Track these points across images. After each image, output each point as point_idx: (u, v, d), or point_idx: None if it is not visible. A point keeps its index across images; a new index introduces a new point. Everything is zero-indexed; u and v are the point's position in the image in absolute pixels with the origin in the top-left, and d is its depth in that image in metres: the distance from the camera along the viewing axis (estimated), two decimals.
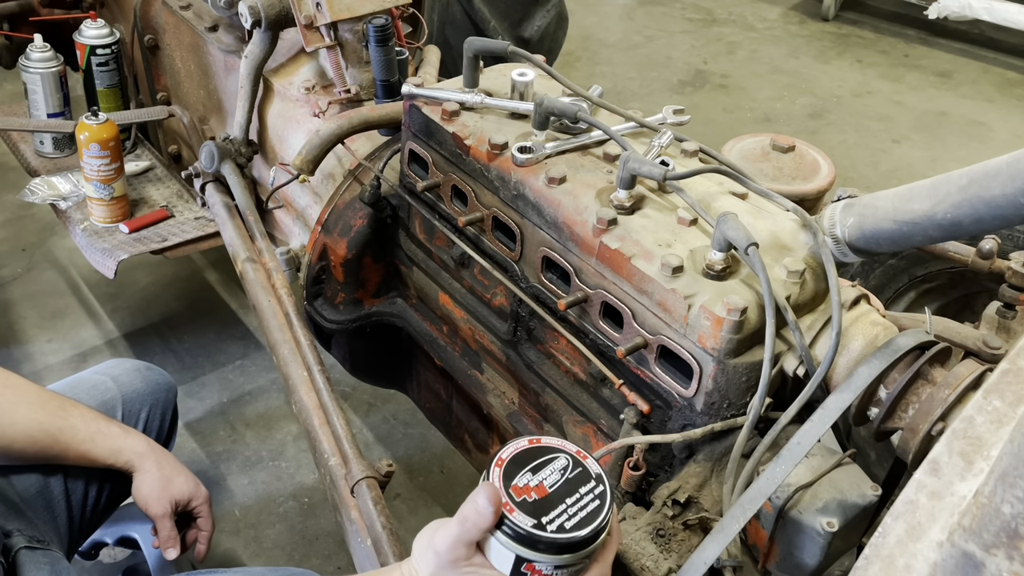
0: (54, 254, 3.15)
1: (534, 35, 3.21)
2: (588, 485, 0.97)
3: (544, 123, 1.47)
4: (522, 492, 0.95)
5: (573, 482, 0.97)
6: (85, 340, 2.83)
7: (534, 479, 0.96)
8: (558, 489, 0.96)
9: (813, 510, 1.12)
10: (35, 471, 1.51)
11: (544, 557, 0.94)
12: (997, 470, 0.71)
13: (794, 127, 4.26)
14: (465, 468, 2.39)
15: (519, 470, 0.97)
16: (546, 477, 0.97)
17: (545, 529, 0.92)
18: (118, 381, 1.69)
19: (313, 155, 1.84)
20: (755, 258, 1.17)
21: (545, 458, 0.98)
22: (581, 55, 4.80)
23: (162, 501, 1.54)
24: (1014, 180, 1.02)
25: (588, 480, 0.97)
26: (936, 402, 1.13)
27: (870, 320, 1.25)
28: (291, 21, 1.97)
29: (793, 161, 1.69)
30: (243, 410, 2.65)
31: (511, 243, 1.51)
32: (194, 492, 1.59)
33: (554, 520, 0.93)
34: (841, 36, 5.21)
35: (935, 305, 2.02)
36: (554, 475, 0.97)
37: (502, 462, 0.97)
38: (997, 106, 4.56)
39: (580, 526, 0.94)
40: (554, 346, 1.50)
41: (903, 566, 0.75)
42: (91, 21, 2.48)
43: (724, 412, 1.25)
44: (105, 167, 2.22)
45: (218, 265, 3.12)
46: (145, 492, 1.54)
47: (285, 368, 1.74)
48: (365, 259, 1.85)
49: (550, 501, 0.95)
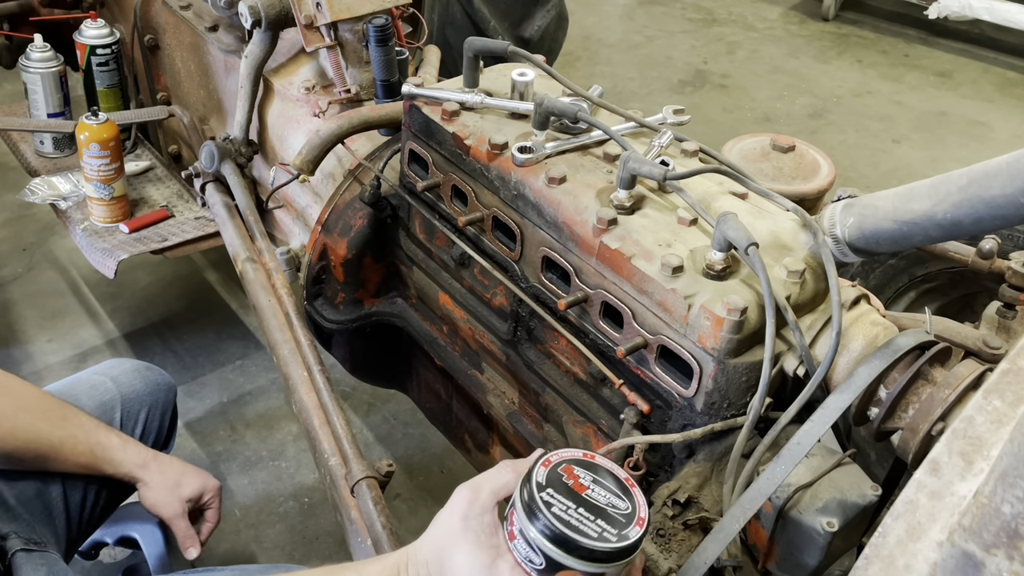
0: (54, 254, 3.15)
1: (534, 35, 3.21)
2: (624, 501, 0.94)
3: (544, 123, 1.47)
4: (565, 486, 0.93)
5: (611, 492, 0.94)
6: (85, 340, 2.83)
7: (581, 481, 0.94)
8: (597, 497, 0.93)
9: (813, 510, 1.12)
10: (33, 474, 1.51)
11: (576, 563, 0.90)
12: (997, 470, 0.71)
13: (794, 127, 4.26)
14: (465, 468, 2.39)
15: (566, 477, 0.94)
16: (590, 486, 0.94)
17: (580, 532, 0.89)
18: (117, 381, 1.68)
19: (313, 155, 1.84)
20: (755, 258, 1.17)
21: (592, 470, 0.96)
22: (581, 55, 4.80)
23: (172, 504, 1.54)
24: (1014, 180, 1.02)
25: (625, 495, 0.94)
26: (936, 402, 1.13)
27: (870, 320, 1.25)
28: (291, 21, 1.97)
29: (793, 161, 1.69)
30: (243, 410, 2.65)
31: (511, 243, 1.51)
32: (204, 485, 1.59)
33: (589, 523, 0.90)
34: (841, 36, 5.21)
35: (935, 305, 2.02)
36: (597, 487, 0.94)
37: (549, 463, 0.94)
38: (997, 106, 4.56)
39: (616, 537, 0.90)
40: (554, 346, 1.50)
41: (903, 566, 0.75)
42: (91, 21, 2.48)
43: (724, 412, 1.25)
44: (105, 167, 2.22)
45: (218, 265, 3.12)
46: (152, 499, 1.55)
47: (285, 368, 1.74)
48: (365, 259, 1.85)
49: (590, 506, 0.92)
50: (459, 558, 0.94)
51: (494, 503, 0.96)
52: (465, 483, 0.98)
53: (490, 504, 0.95)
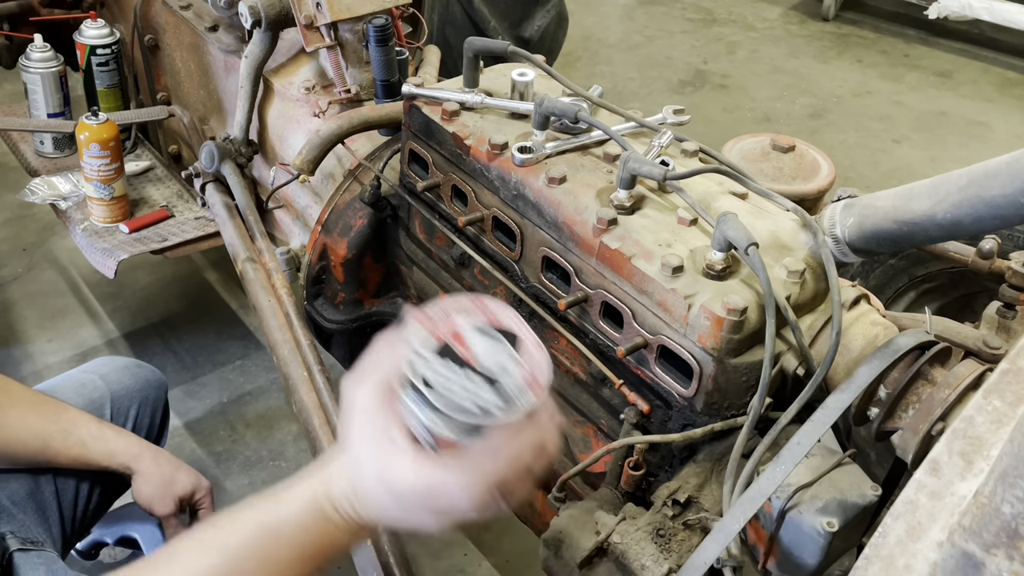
0: (54, 254, 3.15)
1: (534, 35, 3.21)
2: (518, 366, 0.86)
3: (544, 123, 1.47)
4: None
5: (505, 356, 0.86)
6: (85, 340, 2.83)
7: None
8: (488, 363, 0.85)
9: (813, 510, 1.12)
10: (24, 472, 1.50)
11: (465, 438, 0.83)
12: (997, 470, 0.71)
13: (794, 127, 4.26)
14: None
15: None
16: (480, 352, 0.85)
17: (461, 408, 0.82)
18: (107, 379, 1.67)
19: (313, 155, 1.84)
20: (755, 258, 1.17)
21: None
22: (581, 55, 4.80)
23: (166, 500, 1.53)
24: (1014, 180, 1.02)
25: (521, 358, 0.86)
26: (936, 402, 1.13)
27: (870, 320, 1.25)
28: (291, 21, 1.97)
29: (793, 161, 1.69)
30: (243, 410, 2.65)
31: (511, 243, 1.51)
32: (196, 484, 1.58)
33: (471, 394, 0.83)
34: (841, 36, 5.21)
35: (935, 305, 2.01)
36: (487, 351, 0.86)
37: (435, 330, 0.86)
38: (997, 106, 4.56)
39: (504, 408, 0.83)
40: (554, 346, 1.51)
41: (903, 566, 0.75)
42: (91, 21, 2.48)
43: (724, 412, 1.25)
44: (105, 167, 2.22)
45: (218, 265, 3.12)
46: (147, 493, 1.53)
47: (285, 368, 1.74)
48: (365, 259, 1.85)
49: (473, 375, 0.84)
50: (367, 471, 0.89)
51: (384, 396, 0.88)
52: (351, 381, 0.91)
53: (379, 402, 0.88)
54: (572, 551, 1.24)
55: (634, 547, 1.19)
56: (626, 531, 1.21)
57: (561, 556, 1.25)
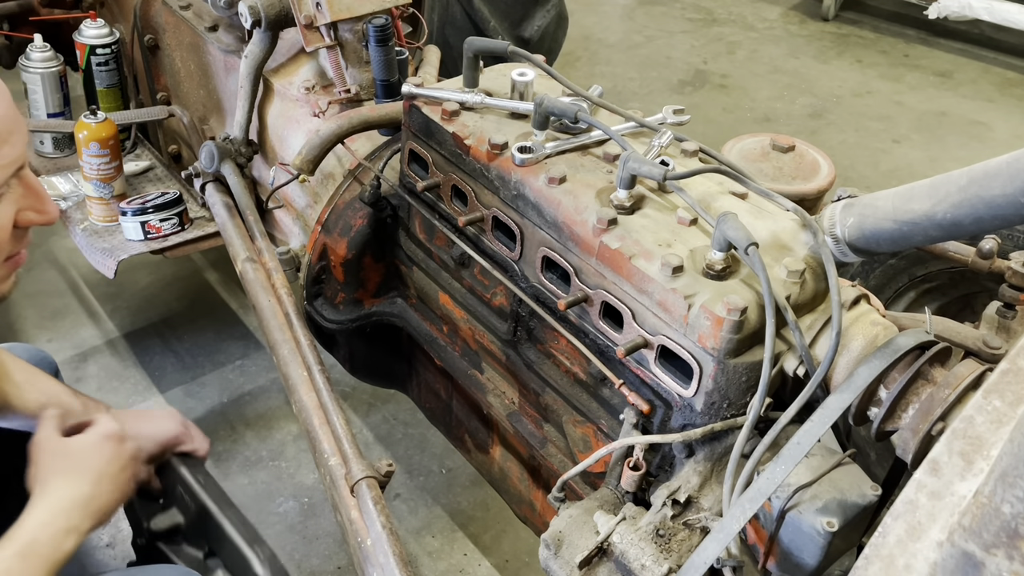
0: (54, 254, 3.15)
1: (534, 35, 3.22)
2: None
3: (544, 123, 1.47)
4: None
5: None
6: (85, 340, 2.83)
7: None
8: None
9: (813, 510, 1.12)
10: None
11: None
12: (997, 470, 0.71)
13: (794, 127, 4.26)
14: (465, 468, 2.39)
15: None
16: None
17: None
18: None
19: (313, 155, 1.84)
20: (755, 258, 1.17)
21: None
22: (581, 55, 4.80)
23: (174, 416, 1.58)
24: (1014, 180, 1.02)
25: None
26: (936, 402, 1.13)
27: (870, 320, 1.25)
28: (291, 21, 1.97)
29: (793, 161, 1.69)
30: (243, 410, 2.65)
31: (511, 243, 1.51)
32: (180, 431, 1.58)
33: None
34: (841, 36, 5.21)
35: (935, 305, 2.02)
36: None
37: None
38: (997, 106, 4.56)
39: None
40: (554, 346, 1.50)
41: (903, 566, 0.75)
42: (91, 21, 2.48)
43: (724, 412, 1.25)
44: (104, 166, 2.22)
45: (218, 265, 3.12)
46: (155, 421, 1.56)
47: (285, 368, 1.74)
48: (365, 259, 1.85)
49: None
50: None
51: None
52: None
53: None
54: (572, 551, 1.24)
55: (634, 547, 1.19)
56: (626, 531, 1.21)
57: (561, 556, 1.25)
